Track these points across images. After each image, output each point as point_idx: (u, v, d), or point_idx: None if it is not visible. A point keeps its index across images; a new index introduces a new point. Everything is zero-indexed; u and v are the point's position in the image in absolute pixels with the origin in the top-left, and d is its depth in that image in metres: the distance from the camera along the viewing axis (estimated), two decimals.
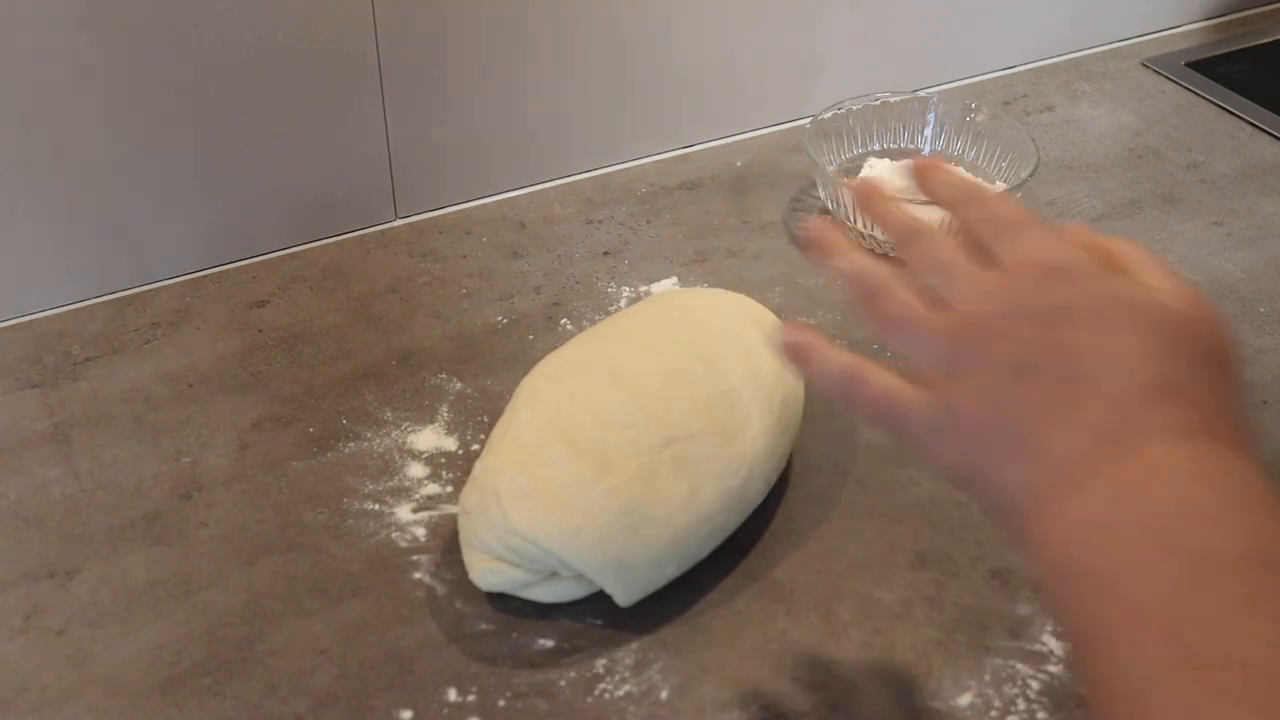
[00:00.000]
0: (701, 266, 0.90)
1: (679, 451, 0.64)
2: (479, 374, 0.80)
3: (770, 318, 0.74)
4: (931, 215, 0.87)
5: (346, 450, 0.75)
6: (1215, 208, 0.96)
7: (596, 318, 0.85)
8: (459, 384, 0.80)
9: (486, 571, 0.64)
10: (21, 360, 0.82)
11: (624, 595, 0.64)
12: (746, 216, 0.95)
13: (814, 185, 0.96)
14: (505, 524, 0.62)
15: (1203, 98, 1.08)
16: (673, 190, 0.98)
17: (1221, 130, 1.05)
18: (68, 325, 0.84)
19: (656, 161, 1.01)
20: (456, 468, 0.74)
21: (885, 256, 0.90)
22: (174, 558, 0.69)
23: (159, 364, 0.81)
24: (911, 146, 0.98)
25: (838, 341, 0.83)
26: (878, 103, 0.97)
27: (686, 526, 0.64)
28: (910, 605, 0.66)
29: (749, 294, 0.79)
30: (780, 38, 1.01)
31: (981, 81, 1.11)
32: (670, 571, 0.65)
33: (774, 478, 0.70)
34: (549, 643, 0.64)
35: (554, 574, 0.64)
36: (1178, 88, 1.10)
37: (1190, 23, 1.19)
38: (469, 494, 0.65)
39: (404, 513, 0.71)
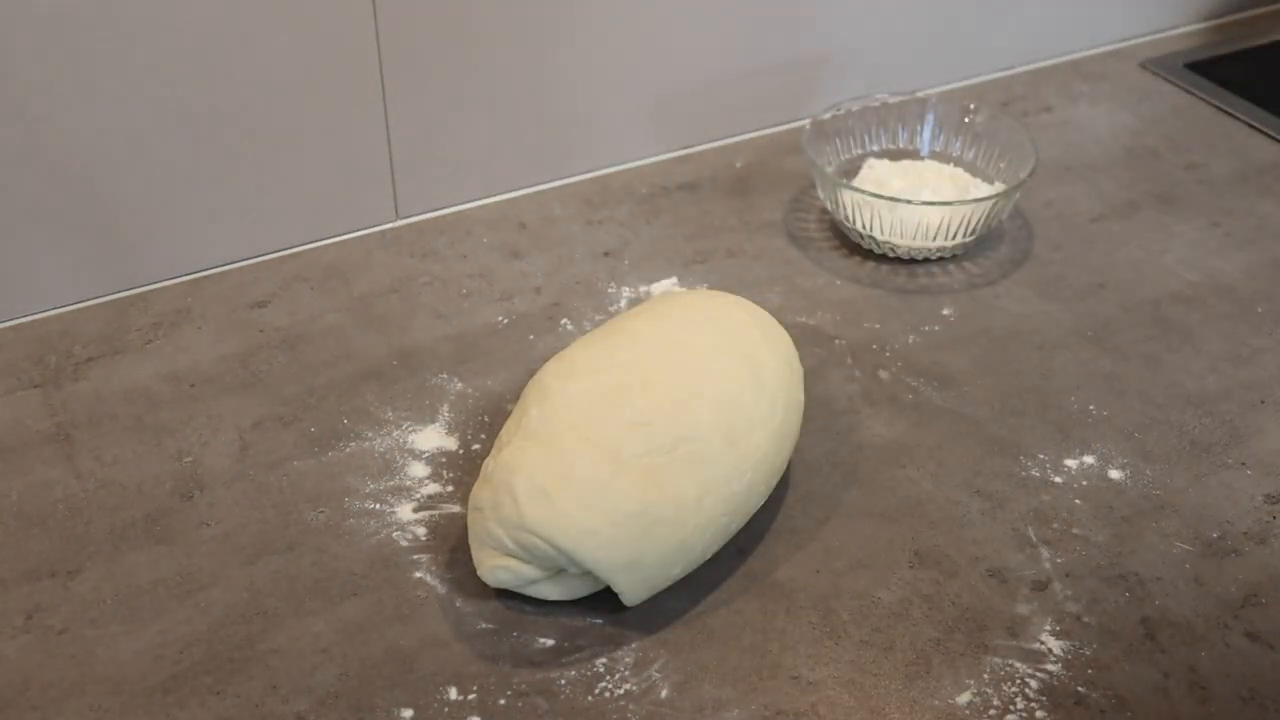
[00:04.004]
0: (701, 266, 0.90)
1: (688, 452, 0.65)
2: (479, 374, 0.81)
3: (770, 319, 0.74)
4: (931, 216, 0.88)
5: (347, 450, 0.75)
6: (1213, 208, 0.96)
7: (597, 318, 0.85)
8: (459, 384, 0.80)
9: (496, 569, 0.64)
10: (24, 360, 0.82)
11: (632, 595, 0.64)
12: (746, 217, 0.95)
13: (814, 186, 0.97)
14: (519, 521, 0.62)
15: (1201, 99, 1.09)
16: (673, 190, 0.98)
17: (1220, 131, 1.05)
18: (70, 325, 0.84)
19: (656, 161, 1.01)
20: (457, 467, 0.74)
21: (884, 258, 0.91)
22: (175, 557, 0.69)
23: (161, 364, 0.81)
24: (910, 147, 0.98)
25: (837, 341, 0.84)
26: (877, 103, 0.97)
27: (694, 528, 0.64)
28: (909, 604, 0.66)
29: (749, 294, 0.80)
30: (780, 39, 1.01)
31: (980, 82, 1.11)
32: (676, 572, 0.65)
33: (775, 480, 0.70)
34: (549, 641, 0.64)
35: (561, 571, 0.64)
36: (1176, 89, 1.10)
37: (1189, 24, 1.19)
38: (481, 491, 0.65)
39: (405, 512, 0.71)
